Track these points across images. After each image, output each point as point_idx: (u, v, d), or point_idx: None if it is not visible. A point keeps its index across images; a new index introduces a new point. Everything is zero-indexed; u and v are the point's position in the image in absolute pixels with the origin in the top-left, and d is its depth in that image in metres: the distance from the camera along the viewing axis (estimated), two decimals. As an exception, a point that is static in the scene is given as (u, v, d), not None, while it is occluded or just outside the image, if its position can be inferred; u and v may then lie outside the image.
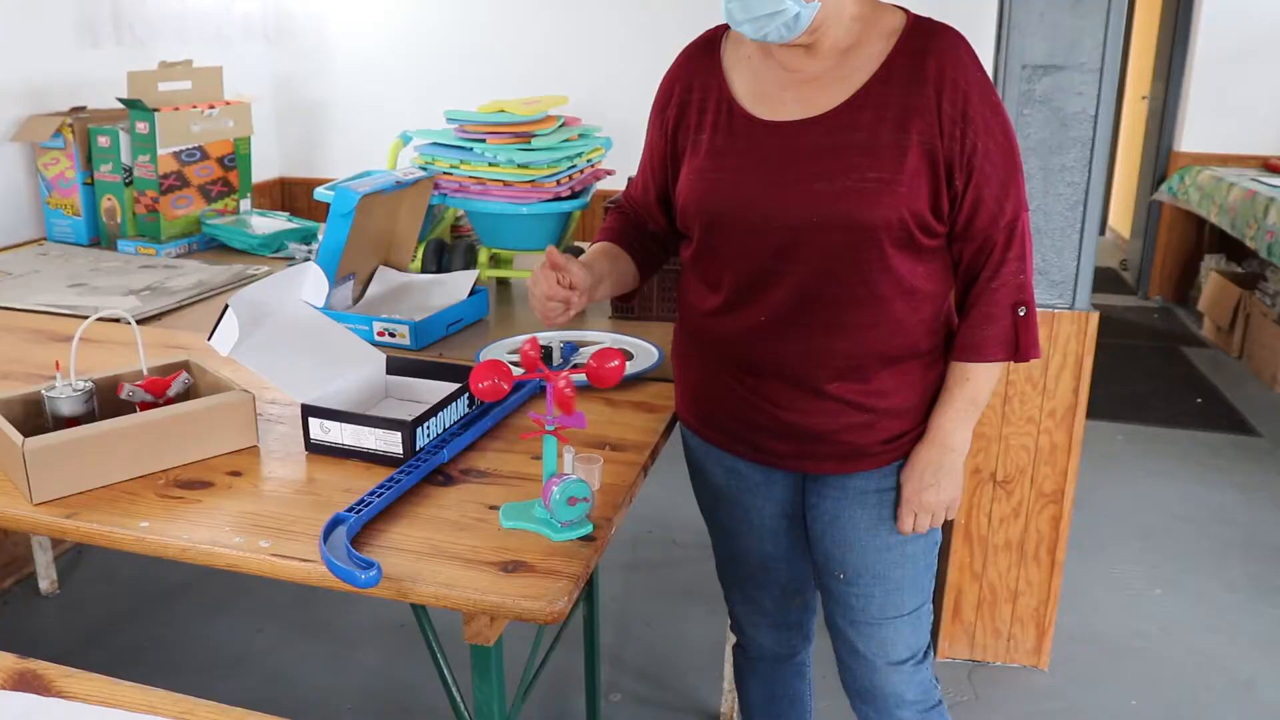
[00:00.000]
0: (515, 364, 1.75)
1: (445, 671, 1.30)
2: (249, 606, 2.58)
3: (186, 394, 1.46)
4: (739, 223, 1.28)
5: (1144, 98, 5.93)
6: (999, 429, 2.18)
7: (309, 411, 1.39)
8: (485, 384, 1.15)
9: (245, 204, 2.88)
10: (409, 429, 1.34)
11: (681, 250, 1.42)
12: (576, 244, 1.68)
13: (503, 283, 2.43)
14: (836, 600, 1.50)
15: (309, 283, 1.54)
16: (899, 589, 1.45)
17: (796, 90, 1.28)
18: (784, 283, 1.28)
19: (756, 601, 1.64)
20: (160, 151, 2.60)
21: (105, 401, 1.41)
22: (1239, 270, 4.77)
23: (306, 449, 1.41)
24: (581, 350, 1.78)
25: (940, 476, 1.36)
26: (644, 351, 1.84)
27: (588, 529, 1.19)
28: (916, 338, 1.32)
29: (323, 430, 1.39)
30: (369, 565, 1.07)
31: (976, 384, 1.34)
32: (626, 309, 2.00)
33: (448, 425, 1.44)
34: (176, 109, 2.63)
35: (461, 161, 2.14)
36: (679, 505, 3.05)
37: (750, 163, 1.28)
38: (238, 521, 1.21)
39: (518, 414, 1.55)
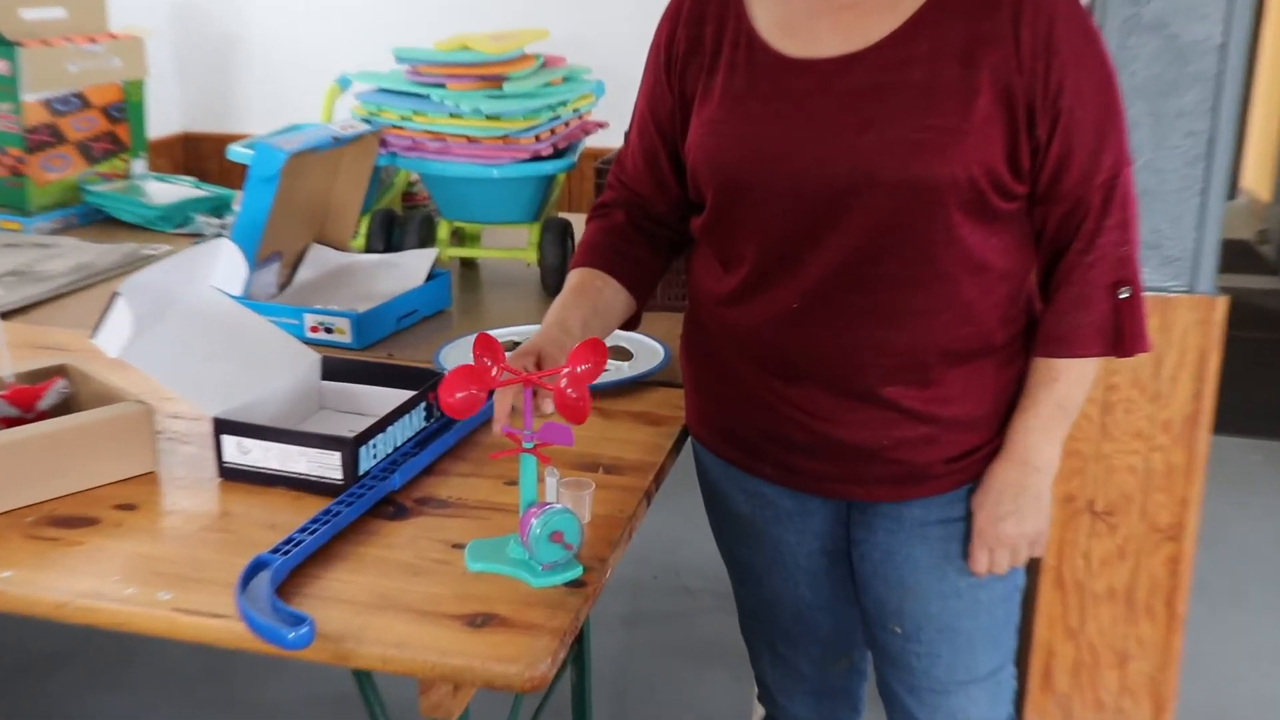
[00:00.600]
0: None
1: (396, 755, 1.31)
2: (144, 678, 2.59)
3: (64, 406, 1.47)
4: (763, 186, 1.29)
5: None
6: (1097, 445, 2.19)
7: (223, 427, 1.40)
8: (460, 396, 1.15)
9: (139, 165, 2.89)
10: (350, 448, 1.35)
11: (692, 221, 1.43)
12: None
13: (468, 265, 2.45)
14: (892, 661, 1.51)
15: (222, 265, 1.55)
16: (971, 646, 1.46)
17: (833, 18, 1.28)
18: (820, 259, 1.28)
19: (791, 663, 1.65)
20: (26, 98, 2.57)
21: (-37, 417, 1.42)
22: None
23: (220, 475, 1.42)
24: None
25: (1022, 503, 1.37)
26: (646, 349, 1.85)
27: (576, 572, 1.19)
28: (989, 327, 1.33)
29: (240, 451, 1.40)
30: (299, 621, 1.07)
31: (1066, 386, 1.35)
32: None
33: (399, 443, 1.45)
34: (47, 43, 2.60)
35: (415, 112, 2.16)
36: (691, 542, 3.06)
37: (776, 110, 1.28)
38: (130, 568, 1.22)
39: (487, 429, 1.57)
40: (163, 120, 3.85)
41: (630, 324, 1.50)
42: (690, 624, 2.82)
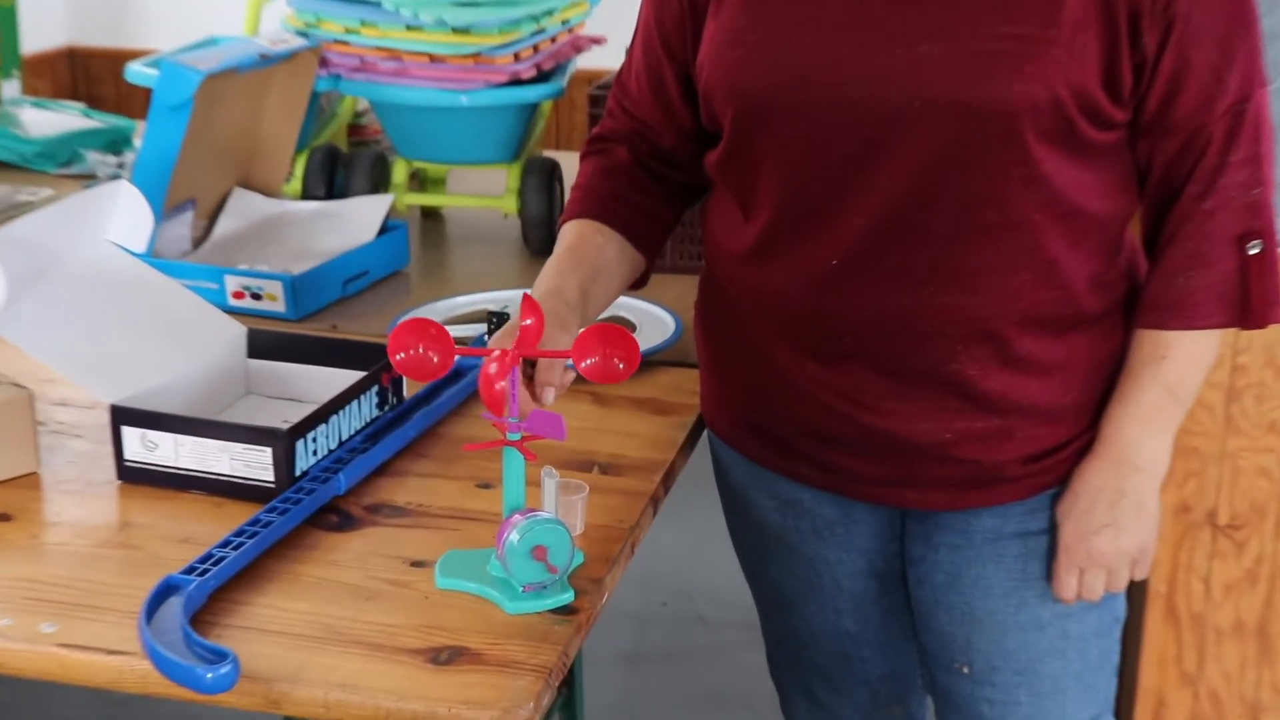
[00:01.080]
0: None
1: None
2: (28, 733, 2.59)
3: (-76, 392, 1.47)
4: (791, 110, 1.28)
5: None
6: (1220, 442, 2.18)
7: (123, 418, 1.40)
8: (409, 353, 1.16)
9: (10, 88, 2.88)
10: (285, 443, 1.36)
11: (709, 156, 1.43)
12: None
13: (431, 216, 2.45)
14: (958, 710, 1.52)
15: (120, 215, 1.54)
16: (1058, 692, 1.46)
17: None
18: (865, 205, 1.28)
19: (832, 713, 1.66)
20: None
21: None
22: None
23: (119, 476, 1.42)
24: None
25: (1120, 512, 1.37)
26: (652, 320, 1.85)
27: (565, 597, 1.20)
28: (1079, 291, 1.33)
29: (145, 446, 1.40)
30: (219, 657, 1.07)
31: (1178, 366, 1.35)
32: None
33: (345, 437, 1.45)
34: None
35: (364, 23, 2.16)
36: (708, 561, 3.04)
37: (809, 14, 1.28)
38: (5, 594, 1.22)
39: (454, 420, 1.56)
40: (42, 30, 3.82)
41: (636, 284, 1.50)
42: (707, 664, 2.81)
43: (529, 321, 1.20)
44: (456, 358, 1.21)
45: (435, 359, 1.19)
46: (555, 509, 1.24)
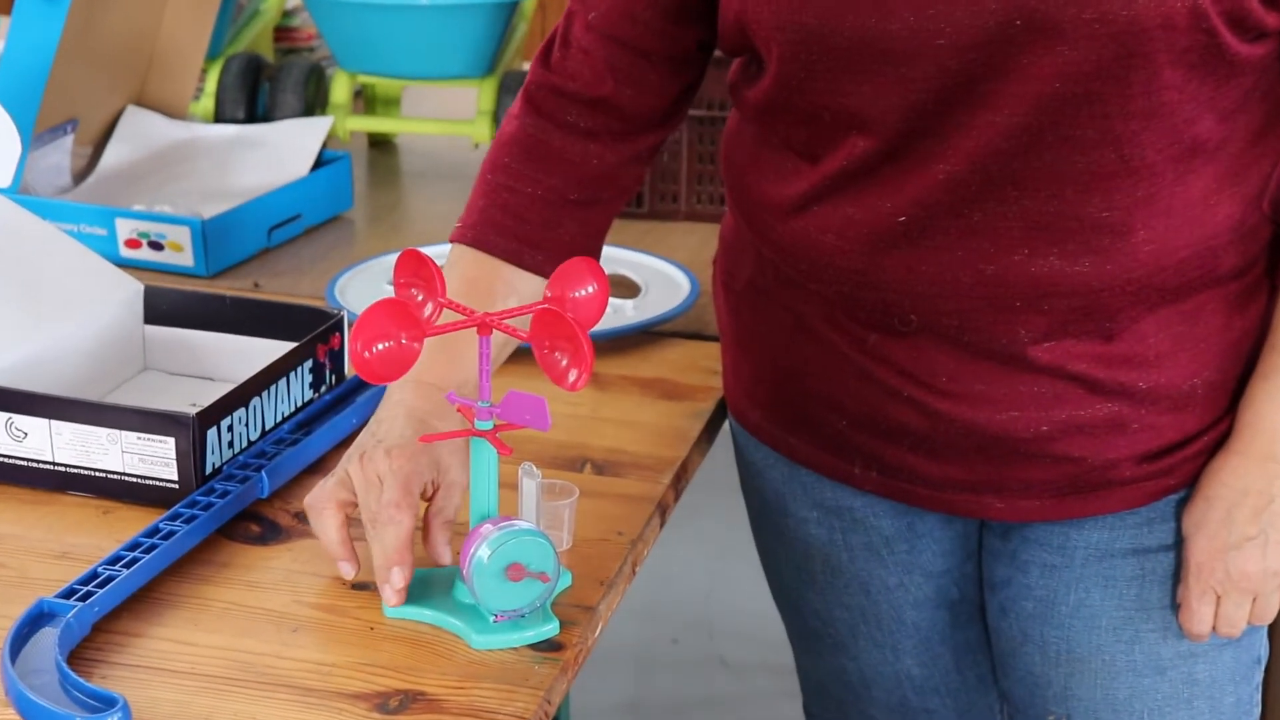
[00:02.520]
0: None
1: None
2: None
3: None
4: (863, 43, 1.27)
5: None
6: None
7: (-16, 398, 1.40)
8: (382, 348, 1.12)
9: None
10: (193, 432, 1.35)
11: (739, 89, 1.42)
12: None
13: (381, 145, 2.45)
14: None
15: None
16: (1181, 752, 1.46)
17: None
18: (951, 149, 1.27)
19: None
20: None
21: None
22: None
23: (-22, 473, 1.42)
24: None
25: (1269, 522, 1.37)
26: (661, 280, 1.85)
27: (548, 629, 1.19)
28: (1214, 247, 1.32)
29: (12, 436, 1.39)
30: (106, 704, 1.06)
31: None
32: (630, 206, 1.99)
33: (271, 425, 1.45)
34: None
35: (292, -105, 2.15)
36: (729, 585, 3.07)
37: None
38: None
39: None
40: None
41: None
42: (731, 715, 2.82)
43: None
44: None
45: (415, 346, 1.14)
46: (536, 517, 1.24)
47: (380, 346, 1.12)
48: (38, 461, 1.39)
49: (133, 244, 1.88)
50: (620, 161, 1.43)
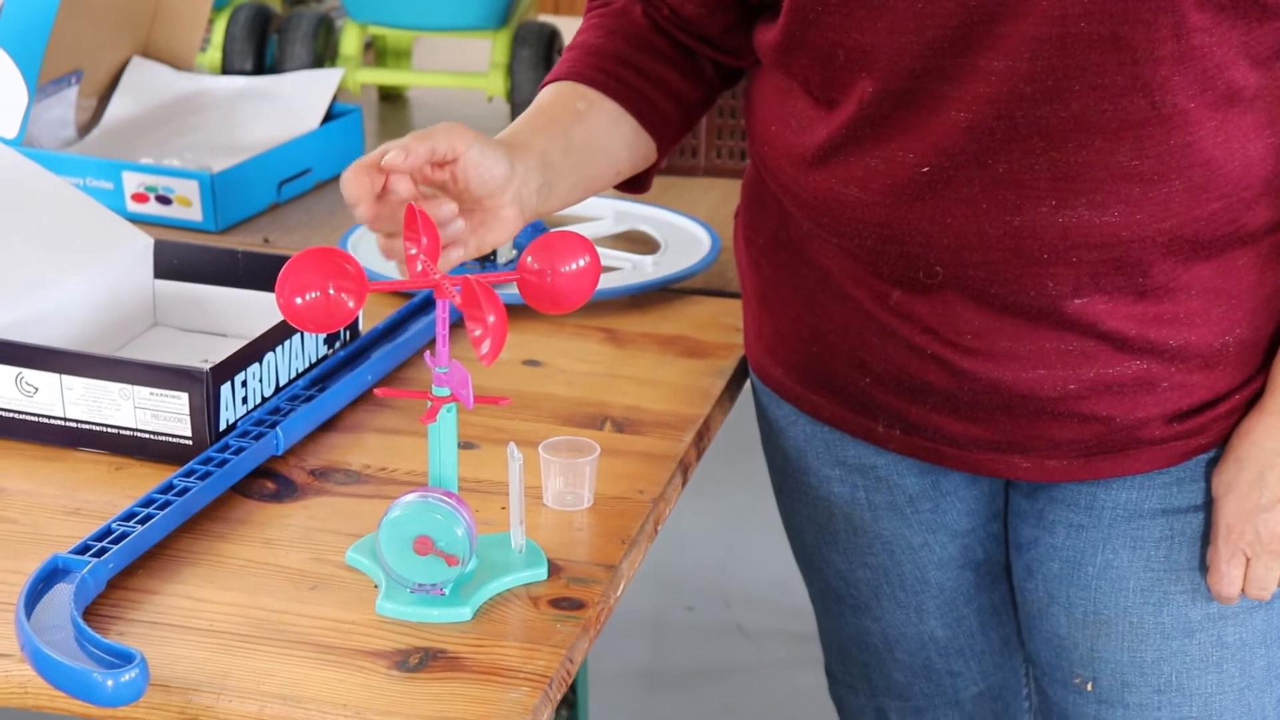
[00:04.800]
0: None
1: None
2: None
3: None
4: None
5: None
6: None
7: (-7, 352, 1.41)
8: (309, 297, 1.12)
9: None
10: (206, 387, 1.35)
11: (758, 37, 1.42)
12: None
13: (392, 98, 2.44)
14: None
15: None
16: (1210, 716, 1.46)
17: None
18: (972, 94, 1.27)
19: (913, 739, 1.67)
20: None
21: None
22: None
23: (-13, 430, 1.43)
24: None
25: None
26: (681, 236, 1.84)
27: (459, 613, 1.17)
28: (1246, 199, 1.32)
29: (22, 391, 1.39)
30: (123, 660, 1.06)
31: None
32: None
33: (285, 381, 1.45)
34: None
35: None
36: (748, 550, 3.07)
37: None
38: None
39: (420, 362, 1.55)
40: None
41: (636, 185, 1.49)
42: (746, 684, 2.82)
43: None
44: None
45: (350, 302, 1.13)
46: (519, 501, 1.23)
47: (309, 296, 1.12)
48: (48, 417, 1.39)
49: (140, 198, 1.88)
50: (682, 45, 1.46)
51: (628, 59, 1.43)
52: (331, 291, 1.12)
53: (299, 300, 1.12)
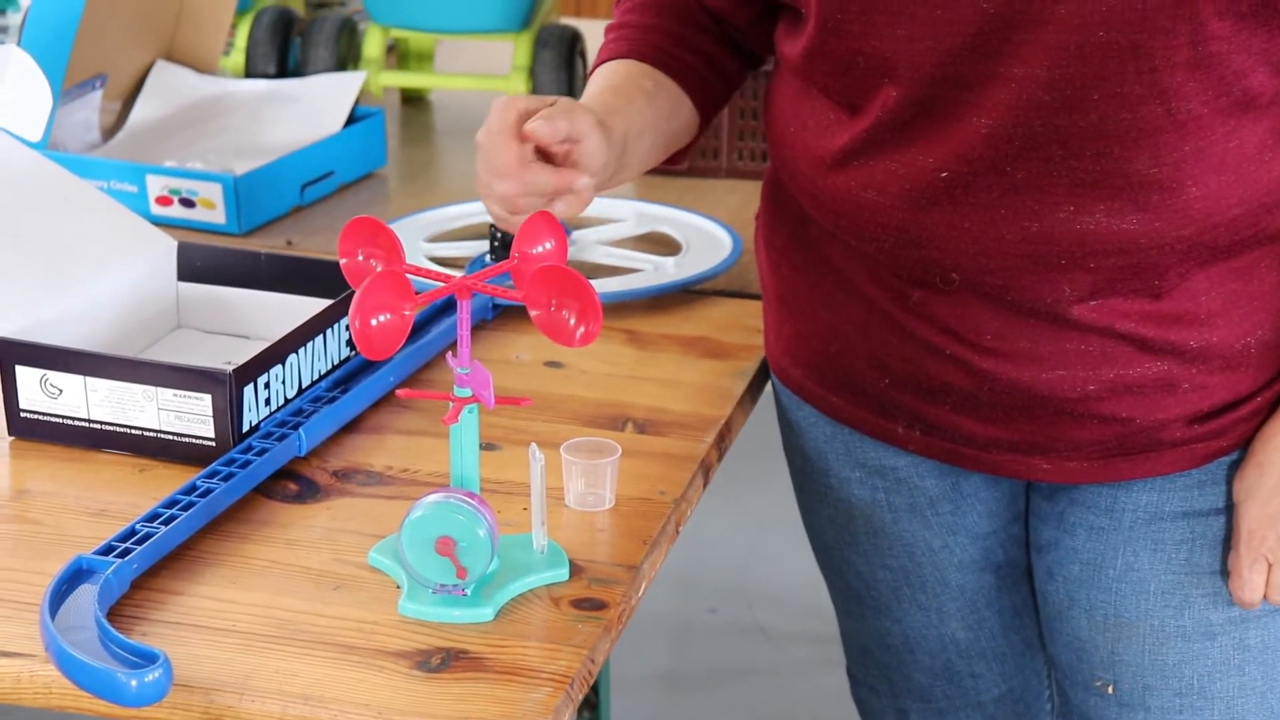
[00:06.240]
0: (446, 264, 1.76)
1: None
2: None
3: None
4: None
5: None
6: None
7: (16, 354, 1.41)
8: (382, 319, 1.12)
9: None
10: (229, 388, 1.36)
11: (779, 42, 1.43)
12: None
13: (414, 101, 2.45)
14: (1100, 741, 1.53)
15: (7, 93, 1.56)
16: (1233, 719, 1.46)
17: None
18: (991, 101, 1.27)
19: (935, 741, 1.68)
20: None
21: None
22: None
23: (11, 431, 1.43)
24: (575, 238, 1.79)
25: (1321, 486, 1.37)
26: (702, 237, 1.85)
27: (482, 614, 1.18)
28: (1267, 204, 1.31)
29: (47, 393, 1.40)
30: (147, 660, 1.06)
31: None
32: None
33: (307, 382, 1.45)
34: None
35: None
36: (770, 551, 3.07)
37: None
38: None
39: (444, 362, 1.56)
40: None
41: (677, 158, 1.51)
42: (768, 686, 2.82)
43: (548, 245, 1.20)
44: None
45: (410, 316, 1.14)
46: (541, 501, 1.23)
47: (382, 318, 1.12)
48: (72, 419, 1.40)
49: (164, 201, 1.89)
50: (713, 33, 1.48)
51: (685, 39, 1.46)
52: (406, 314, 1.13)
53: (376, 320, 1.12)
